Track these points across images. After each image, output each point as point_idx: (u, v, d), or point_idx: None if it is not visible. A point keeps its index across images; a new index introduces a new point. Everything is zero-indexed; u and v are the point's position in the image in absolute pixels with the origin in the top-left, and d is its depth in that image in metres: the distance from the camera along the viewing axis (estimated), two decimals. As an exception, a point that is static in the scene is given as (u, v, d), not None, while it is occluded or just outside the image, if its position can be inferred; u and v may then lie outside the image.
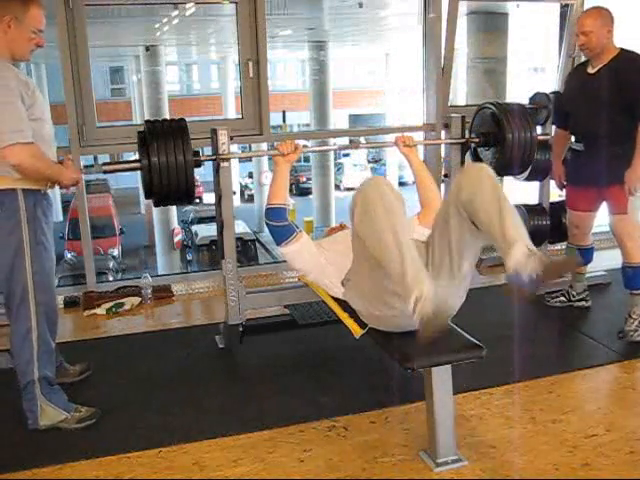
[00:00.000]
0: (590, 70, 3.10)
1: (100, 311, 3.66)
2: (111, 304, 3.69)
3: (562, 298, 3.53)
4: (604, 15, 3.03)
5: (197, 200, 16.88)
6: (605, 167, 3.03)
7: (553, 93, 3.72)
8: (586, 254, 3.39)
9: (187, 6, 8.80)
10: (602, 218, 3.30)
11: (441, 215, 2.16)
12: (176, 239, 15.86)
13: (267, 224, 2.60)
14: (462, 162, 3.35)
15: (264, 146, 8.76)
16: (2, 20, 2.27)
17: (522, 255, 1.87)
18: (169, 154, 2.56)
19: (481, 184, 2.01)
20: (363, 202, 2.02)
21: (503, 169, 3.26)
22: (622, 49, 3.04)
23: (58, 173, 2.41)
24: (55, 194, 14.80)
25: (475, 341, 2.17)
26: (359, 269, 2.22)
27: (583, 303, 3.51)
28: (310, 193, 18.87)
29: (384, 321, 2.20)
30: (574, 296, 3.51)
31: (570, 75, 3.38)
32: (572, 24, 4.05)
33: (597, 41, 2.99)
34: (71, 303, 3.73)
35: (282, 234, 2.55)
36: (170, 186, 2.59)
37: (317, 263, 2.53)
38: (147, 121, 2.69)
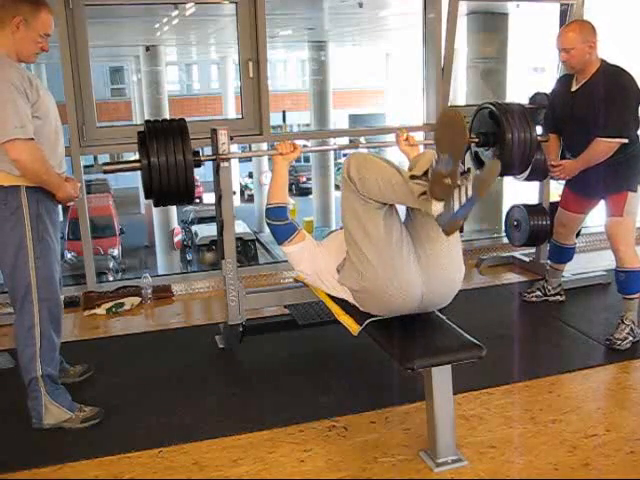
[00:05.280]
0: (573, 87, 3.09)
1: (100, 311, 3.66)
2: (111, 304, 3.69)
3: (538, 293, 3.63)
4: (585, 30, 2.97)
5: (197, 200, 16.86)
6: (602, 181, 3.05)
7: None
8: (567, 253, 3.53)
9: (187, 6, 8.78)
10: (601, 219, 3.31)
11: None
12: (176, 239, 15.84)
13: (268, 224, 2.60)
14: (462, 162, 3.35)
15: (264, 146, 8.74)
16: (12, 20, 2.30)
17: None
18: (169, 154, 2.56)
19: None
20: (356, 157, 2.23)
21: (503, 169, 3.25)
22: (603, 62, 3.00)
23: (57, 183, 2.39)
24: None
25: (475, 341, 2.18)
26: (352, 240, 2.24)
27: (558, 297, 3.61)
28: (310, 193, 18.86)
29: (378, 298, 2.21)
30: (549, 291, 3.62)
31: (557, 83, 3.33)
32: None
33: (579, 57, 2.96)
34: (71, 303, 3.72)
35: (283, 233, 2.55)
36: (170, 186, 2.59)
37: (317, 261, 2.53)
38: (147, 121, 2.69)
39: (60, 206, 2.55)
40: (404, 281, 2.16)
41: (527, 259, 4.20)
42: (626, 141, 2.94)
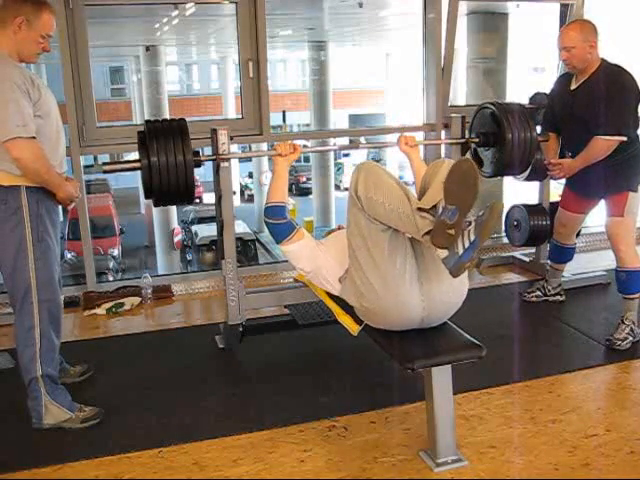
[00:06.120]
0: (572, 86, 3.10)
1: (100, 311, 3.66)
2: (111, 304, 3.69)
3: (538, 293, 3.64)
4: (586, 29, 2.98)
5: (197, 200, 16.86)
6: (602, 180, 3.05)
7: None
8: (568, 253, 3.54)
9: (187, 6, 8.78)
10: (601, 219, 3.31)
11: None
12: (176, 239, 15.84)
13: (266, 222, 2.59)
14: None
15: (264, 146, 8.75)
16: (14, 21, 2.30)
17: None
18: (169, 154, 2.56)
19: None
20: (366, 171, 2.16)
21: (503, 169, 3.26)
22: (603, 61, 3.00)
23: (57, 183, 2.39)
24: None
25: (475, 341, 2.18)
26: (355, 258, 2.20)
27: (558, 297, 3.62)
28: (310, 193, 18.87)
29: (379, 317, 2.21)
30: (549, 291, 3.62)
31: (557, 83, 3.33)
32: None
33: (580, 56, 2.96)
34: (71, 303, 3.72)
35: (281, 231, 2.54)
36: (170, 186, 2.59)
37: (317, 260, 2.53)
38: (147, 121, 2.69)
39: (60, 206, 2.55)
40: (405, 306, 2.14)
41: (527, 259, 4.20)
42: (625, 139, 2.93)
